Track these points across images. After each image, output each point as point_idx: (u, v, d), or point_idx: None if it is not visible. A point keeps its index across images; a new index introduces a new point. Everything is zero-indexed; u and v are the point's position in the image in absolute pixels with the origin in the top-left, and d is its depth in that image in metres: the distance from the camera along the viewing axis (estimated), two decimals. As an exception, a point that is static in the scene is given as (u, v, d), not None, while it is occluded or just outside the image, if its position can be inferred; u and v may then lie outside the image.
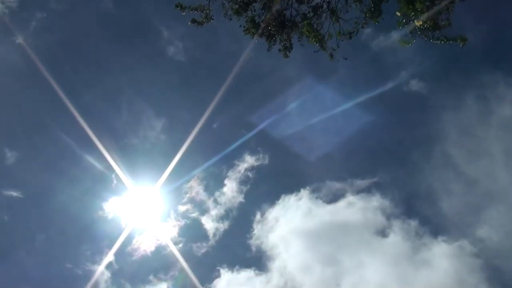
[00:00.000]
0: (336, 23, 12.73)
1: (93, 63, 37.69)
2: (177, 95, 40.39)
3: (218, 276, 37.67)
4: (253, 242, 38.94)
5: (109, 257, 35.73)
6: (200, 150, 38.10)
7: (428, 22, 11.34)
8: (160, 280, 37.45)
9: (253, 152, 38.83)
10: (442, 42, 11.46)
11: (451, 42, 11.25)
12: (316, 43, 12.38)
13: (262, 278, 37.96)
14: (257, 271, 37.98)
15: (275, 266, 38.57)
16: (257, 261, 38.76)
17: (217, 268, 37.71)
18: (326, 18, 12.70)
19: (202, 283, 37.60)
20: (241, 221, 40.04)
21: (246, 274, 37.92)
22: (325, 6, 12.57)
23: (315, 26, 12.34)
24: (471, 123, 37.79)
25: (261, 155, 38.75)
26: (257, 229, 39.24)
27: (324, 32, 12.87)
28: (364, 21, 12.09)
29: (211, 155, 39.74)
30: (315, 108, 38.32)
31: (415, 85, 36.04)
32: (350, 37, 12.43)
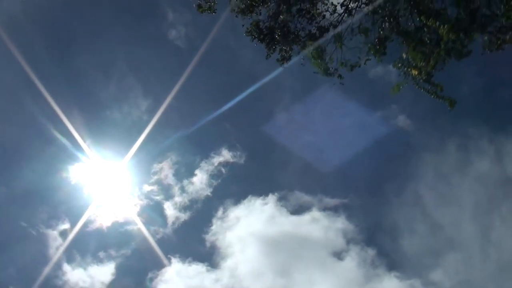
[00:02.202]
0: (339, 48, 12.71)
1: (68, 31, 36.22)
2: (160, 75, 39.56)
3: (169, 264, 37.36)
4: (210, 238, 38.83)
5: (65, 224, 34.83)
6: (176, 133, 37.62)
7: (424, 74, 11.49)
8: (110, 257, 36.85)
9: (231, 148, 38.57)
10: (433, 97, 11.63)
11: (440, 100, 11.44)
12: (319, 68, 12.34)
13: (212, 275, 37.93)
14: (208, 267, 37.89)
15: (226, 265, 38.55)
16: (210, 257, 38.67)
17: (169, 256, 37.37)
18: (330, 41, 12.66)
19: (151, 269, 37.30)
20: (202, 214, 39.83)
21: (197, 268, 37.83)
22: (331, 29, 12.53)
23: (322, 52, 12.26)
24: (448, 170, 38.78)
25: (238, 153, 38.54)
26: (216, 225, 39.10)
27: (327, 55, 12.84)
28: (367, 57, 12.14)
29: (187, 140, 39.22)
30: (303, 120, 38.55)
31: (402, 120, 36.64)
32: (351, 69, 12.45)
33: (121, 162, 29.29)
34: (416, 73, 11.71)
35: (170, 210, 38.11)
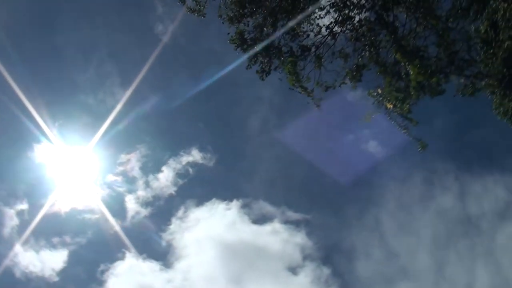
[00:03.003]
0: (317, 69, 12.80)
1: (32, 11, 35.43)
2: (135, 63, 38.85)
3: (122, 258, 36.58)
4: (167, 236, 38.10)
5: (23, 205, 34.00)
6: (148, 125, 37.23)
7: (398, 109, 11.64)
8: (64, 244, 36.02)
9: (202, 149, 38.21)
10: (405, 134, 11.80)
11: (412, 139, 11.63)
12: (294, 85, 12.42)
13: (165, 274, 37.20)
14: (162, 266, 37.22)
15: (180, 266, 37.99)
16: (165, 256, 37.99)
17: (124, 250, 36.71)
18: (310, 60, 12.74)
19: (103, 261, 36.48)
20: (163, 211, 38.87)
21: (151, 266, 36.98)
22: (313, 49, 12.61)
23: (298, 68, 12.34)
24: (411, 201, 39.29)
25: (208, 155, 38.20)
26: (175, 224, 38.36)
27: (304, 73, 12.92)
28: (343, 81, 12.25)
29: (159, 135, 38.72)
30: (277, 133, 38.66)
31: (373, 146, 37.03)
32: (326, 90, 12.55)
33: (87, 148, 28.48)
34: (390, 105, 11.86)
35: (131, 203, 37.26)
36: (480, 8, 13.92)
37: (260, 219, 40.07)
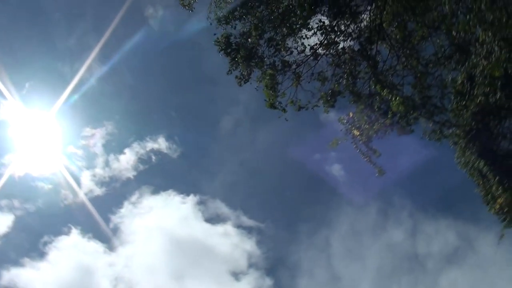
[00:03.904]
0: (295, 86, 12.87)
1: None
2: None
3: (68, 233, 35.81)
4: (116, 219, 37.43)
5: None
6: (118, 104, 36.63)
7: (364, 137, 11.82)
8: (12, 208, 34.97)
9: (169, 139, 37.71)
10: (366, 160, 11.98)
11: (371, 165, 11.81)
12: (269, 99, 12.46)
13: (107, 257, 36.61)
14: (106, 249, 36.53)
15: (123, 251, 37.47)
16: (110, 239, 37.32)
17: (70, 226, 35.87)
18: (289, 77, 12.81)
19: (48, 232, 35.61)
20: (117, 193, 38.27)
21: (95, 246, 36.35)
22: (293, 66, 12.69)
23: (275, 81, 12.38)
24: (363, 228, 39.93)
25: (174, 146, 37.79)
26: (126, 208, 37.80)
27: (281, 88, 12.97)
28: (316, 103, 12.37)
29: (127, 115, 37.84)
30: (246, 140, 38.76)
31: (336, 170, 37.51)
32: (299, 110, 12.62)
33: (52, 115, 27.40)
34: (357, 134, 12.02)
35: (87, 179, 36.37)
36: (462, 59, 14.27)
37: (213, 219, 39.92)
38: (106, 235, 37.10)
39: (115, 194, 37.81)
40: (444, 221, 35.76)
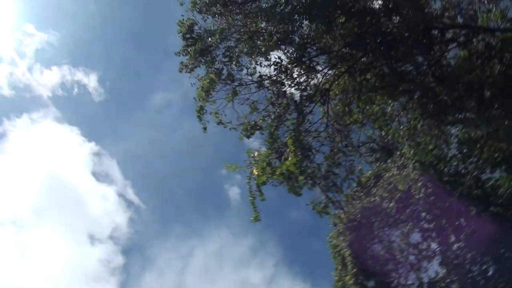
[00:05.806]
0: (227, 101, 12.92)
1: None
2: None
3: None
4: (6, 126, 36.33)
5: None
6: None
7: (260, 180, 12.07)
8: None
9: (101, 81, 37.34)
10: (250, 200, 12.21)
11: (252, 207, 12.07)
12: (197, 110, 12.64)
13: None
14: None
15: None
16: None
17: None
18: (226, 90, 12.85)
19: None
20: (22, 103, 38.30)
21: None
22: (236, 82, 12.79)
23: (213, 87, 12.44)
24: (228, 255, 40.72)
25: (102, 90, 37.24)
26: (23, 121, 36.88)
27: (215, 96, 12.98)
28: (235, 127, 12.57)
29: None
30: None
31: (234, 191, 38.08)
32: (218, 124, 12.74)
33: None
34: (256, 173, 12.24)
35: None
36: (381, 159, 15.22)
37: (101, 176, 38.82)
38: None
39: (20, 102, 35.87)
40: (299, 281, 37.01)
